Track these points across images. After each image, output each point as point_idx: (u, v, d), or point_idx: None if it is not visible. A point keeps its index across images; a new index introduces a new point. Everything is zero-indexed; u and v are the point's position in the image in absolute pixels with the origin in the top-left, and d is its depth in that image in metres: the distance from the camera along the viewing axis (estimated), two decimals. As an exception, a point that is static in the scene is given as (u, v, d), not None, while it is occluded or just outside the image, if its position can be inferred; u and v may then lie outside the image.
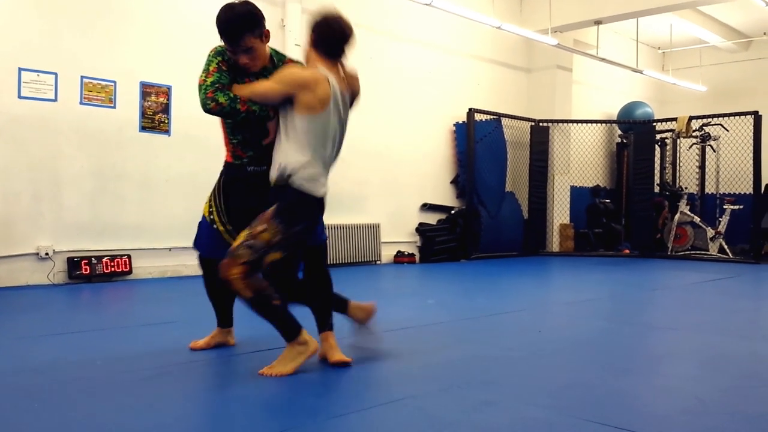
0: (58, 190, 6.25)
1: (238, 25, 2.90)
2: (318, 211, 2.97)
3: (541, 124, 11.06)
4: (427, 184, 9.79)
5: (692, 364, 3.37)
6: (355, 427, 2.30)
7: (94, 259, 6.33)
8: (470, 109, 10.00)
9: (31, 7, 6.10)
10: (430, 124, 9.77)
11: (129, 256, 6.58)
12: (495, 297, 6.07)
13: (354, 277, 7.08)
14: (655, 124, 11.44)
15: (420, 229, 9.52)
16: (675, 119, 11.10)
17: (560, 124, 11.26)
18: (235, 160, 3.12)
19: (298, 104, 2.85)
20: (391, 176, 9.18)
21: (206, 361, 3.22)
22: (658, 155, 11.68)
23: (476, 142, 9.97)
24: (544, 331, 4.25)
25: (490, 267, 8.77)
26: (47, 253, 6.12)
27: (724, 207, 10.45)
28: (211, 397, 2.68)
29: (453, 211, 9.88)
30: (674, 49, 13.36)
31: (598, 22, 10.29)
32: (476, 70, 10.53)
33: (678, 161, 12.20)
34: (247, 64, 2.98)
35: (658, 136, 11.64)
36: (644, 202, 10.83)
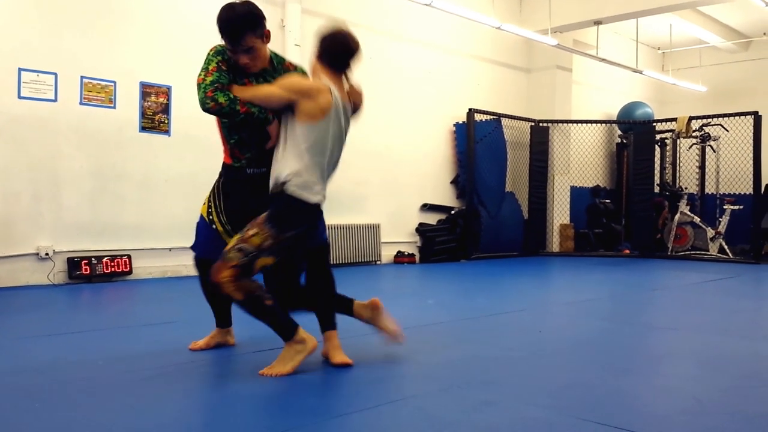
0: (58, 190, 6.25)
1: (240, 24, 2.89)
2: (312, 218, 2.96)
3: (541, 125, 11.06)
4: (427, 184, 9.79)
5: (692, 364, 3.37)
6: (356, 427, 2.30)
7: (94, 259, 6.33)
8: (470, 110, 10.00)
9: (31, 7, 6.10)
10: (430, 124, 9.78)
11: (129, 257, 6.58)
12: (495, 297, 6.07)
13: (354, 278, 7.08)
14: (655, 125, 11.45)
15: (420, 229, 9.52)
16: (675, 119, 11.10)
17: (560, 125, 11.26)
18: (234, 161, 3.11)
19: (299, 112, 2.87)
20: (392, 176, 9.18)
21: (206, 361, 3.22)
22: (658, 155, 11.68)
23: (476, 143, 9.97)
24: (544, 331, 4.25)
25: (490, 267, 8.77)
26: (47, 254, 6.12)
27: (724, 207, 10.45)
28: (211, 397, 2.68)
29: (453, 212, 9.88)
30: (674, 49, 13.37)
31: (597, 23, 10.29)
32: (476, 71, 10.54)
33: (678, 161, 12.21)
34: (248, 64, 2.97)
35: (658, 137, 11.65)
36: (644, 202, 10.83)
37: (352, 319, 3.28)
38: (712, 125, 11.06)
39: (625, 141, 12.26)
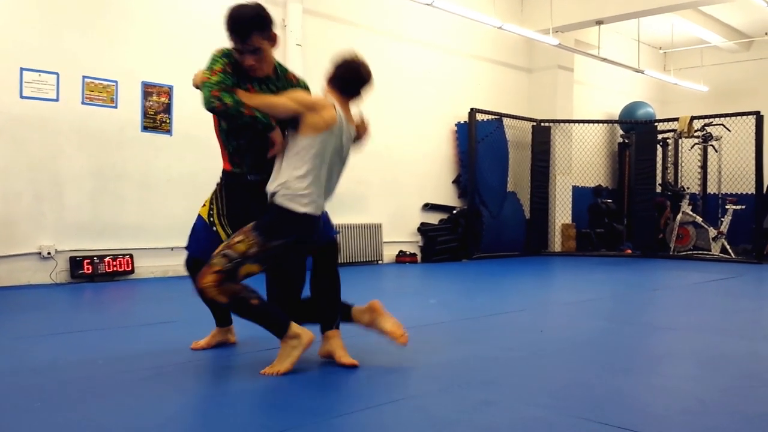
0: (60, 190, 6.26)
1: (248, 23, 2.89)
2: (301, 228, 2.94)
3: (542, 124, 11.05)
4: (429, 184, 9.79)
5: (692, 364, 3.37)
6: (356, 427, 2.31)
7: (96, 258, 6.34)
8: (472, 109, 10.00)
9: (33, 7, 6.11)
10: (431, 124, 9.78)
11: (131, 256, 6.59)
12: (496, 297, 6.07)
13: (356, 277, 7.08)
14: (656, 124, 11.45)
15: (422, 228, 9.52)
16: (677, 119, 11.09)
17: (562, 124, 11.25)
18: (234, 168, 3.10)
19: (303, 124, 2.91)
20: (393, 176, 9.18)
21: (207, 360, 3.23)
22: (660, 155, 11.68)
23: (478, 142, 9.97)
24: (545, 331, 4.25)
25: (491, 267, 8.77)
26: (49, 253, 6.13)
27: (726, 207, 10.44)
28: (212, 397, 2.69)
29: (455, 211, 9.88)
30: (676, 49, 13.36)
31: (599, 22, 10.29)
32: (477, 70, 10.53)
33: (680, 161, 12.19)
34: (253, 66, 2.95)
35: (660, 136, 11.64)
36: (646, 202, 10.83)
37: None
38: (714, 125, 11.05)
39: (626, 141, 12.25)
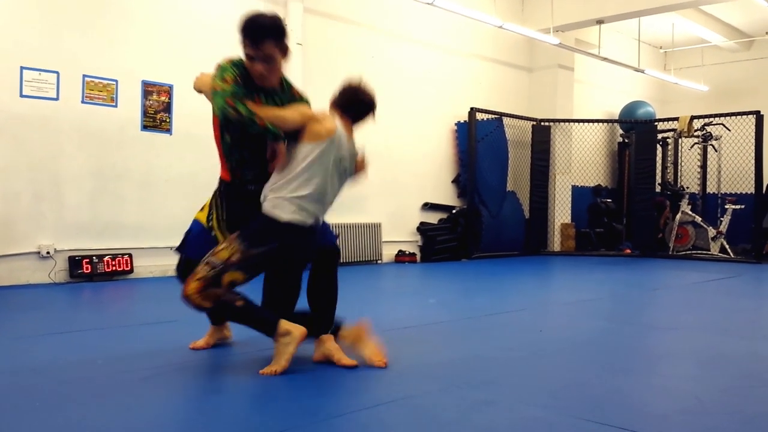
0: (60, 189, 6.26)
1: (265, 29, 2.92)
2: (285, 237, 2.92)
3: (542, 124, 11.05)
4: (428, 184, 9.78)
5: (692, 364, 3.37)
6: (355, 427, 2.31)
7: (95, 258, 6.34)
8: (472, 109, 10.00)
9: (33, 6, 6.10)
10: (431, 124, 9.77)
11: (130, 255, 6.58)
12: (496, 297, 6.07)
13: (355, 277, 7.08)
14: (656, 124, 11.44)
15: (421, 228, 9.52)
16: (677, 119, 11.09)
17: (562, 124, 11.25)
18: (233, 178, 3.12)
19: (304, 133, 2.94)
20: (392, 175, 9.17)
21: (206, 360, 3.23)
22: (660, 155, 11.67)
23: (477, 142, 9.96)
24: (545, 331, 4.25)
25: (491, 266, 8.77)
26: (48, 252, 6.13)
27: (726, 207, 10.44)
28: (210, 397, 2.69)
29: (454, 211, 9.88)
30: (676, 48, 13.35)
31: (599, 22, 10.28)
32: (477, 70, 10.53)
33: (679, 161, 12.19)
34: (263, 75, 2.96)
35: (660, 136, 11.64)
36: (646, 201, 10.83)
37: (350, 318, 3.28)
38: (714, 124, 11.05)
39: (626, 140, 12.25)
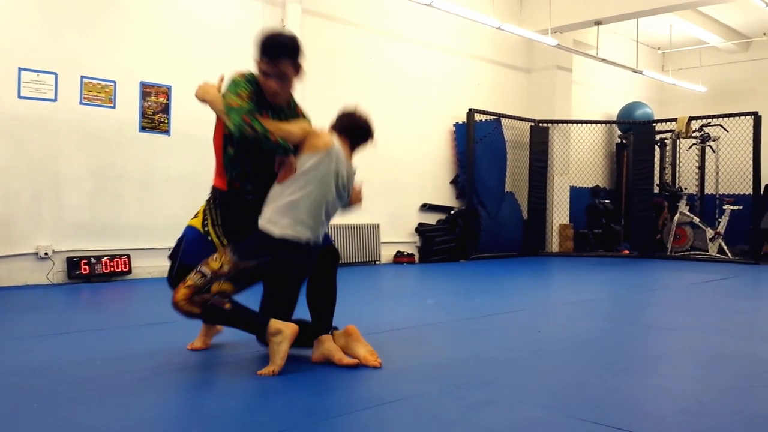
0: (58, 190, 6.25)
1: (282, 47, 2.97)
2: (278, 252, 2.95)
3: (540, 125, 11.06)
4: (427, 184, 9.79)
5: (691, 365, 3.37)
6: (355, 427, 2.30)
7: (93, 258, 6.33)
8: (470, 110, 10.00)
9: (32, 7, 6.09)
10: (429, 124, 9.77)
11: (128, 256, 6.58)
12: (495, 297, 6.07)
13: (353, 278, 7.08)
14: (654, 125, 11.45)
15: (419, 229, 9.52)
16: (675, 120, 11.10)
17: (560, 125, 11.26)
18: (231, 189, 3.13)
19: (304, 146, 2.99)
20: (391, 176, 9.17)
21: (205, 360, 3.22)
22: (658, 156, 11.69)
23: (476, 143, 9.97)
24: (544, 331, 4.25)
25: (489, 267, 8.77)
26: (46, 253, 6.12)
27: (724, 207, 10.45)
28: (210, 397, 2.68)
29: (452, 212, 9.88)
30: (674, 49, 13.37)
31: (598, 23, 10.29)
32: (476, 71, 10.53)
33: (678, 162, 12.21)
34: (276, 92, 3.00)
35: (658, 137, 11.65)
36: (644, 202, 10.83)
37: (349, 318, 3.27)
38: (712, 125, 11.06)
39: (624, 141, 12.26)
